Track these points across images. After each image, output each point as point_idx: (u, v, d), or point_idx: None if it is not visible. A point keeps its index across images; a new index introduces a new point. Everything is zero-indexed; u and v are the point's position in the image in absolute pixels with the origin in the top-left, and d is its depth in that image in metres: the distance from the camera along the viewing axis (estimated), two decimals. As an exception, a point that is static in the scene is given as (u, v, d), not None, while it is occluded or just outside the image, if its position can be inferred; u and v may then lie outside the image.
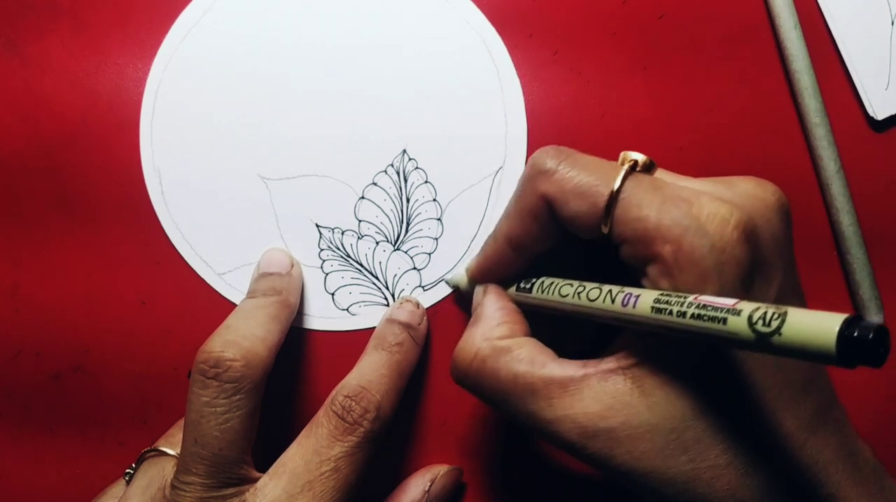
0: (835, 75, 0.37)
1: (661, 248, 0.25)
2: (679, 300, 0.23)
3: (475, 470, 0.38)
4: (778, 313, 0.20)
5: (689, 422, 0.26)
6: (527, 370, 0.28)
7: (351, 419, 0.31)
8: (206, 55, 0.38)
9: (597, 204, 0.27)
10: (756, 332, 0.21)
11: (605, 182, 0.27)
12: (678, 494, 0.26)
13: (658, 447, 0.26)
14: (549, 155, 0.29)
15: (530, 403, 0.28)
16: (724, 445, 0.26)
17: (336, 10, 0.38)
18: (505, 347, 0.29)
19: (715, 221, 0.25)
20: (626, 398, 0.26)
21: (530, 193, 0.29)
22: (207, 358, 0.30)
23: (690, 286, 0.25)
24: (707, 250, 0.25)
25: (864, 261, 0.36)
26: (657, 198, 0.26)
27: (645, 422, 0.26)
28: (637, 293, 0.25)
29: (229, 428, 0.30)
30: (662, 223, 0.25)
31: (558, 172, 0.28)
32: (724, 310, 0.22)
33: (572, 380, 0.27)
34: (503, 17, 0.37)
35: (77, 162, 0.38)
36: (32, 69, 0.38)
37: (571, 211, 0.28)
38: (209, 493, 0.30)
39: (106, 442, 0.38)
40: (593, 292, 0.27)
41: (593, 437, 0.26)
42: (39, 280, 0.38)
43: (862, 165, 0.37)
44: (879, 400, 0.38)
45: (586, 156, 0.29)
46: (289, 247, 0.38)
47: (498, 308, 0.31)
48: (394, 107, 0.37)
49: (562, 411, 0.27)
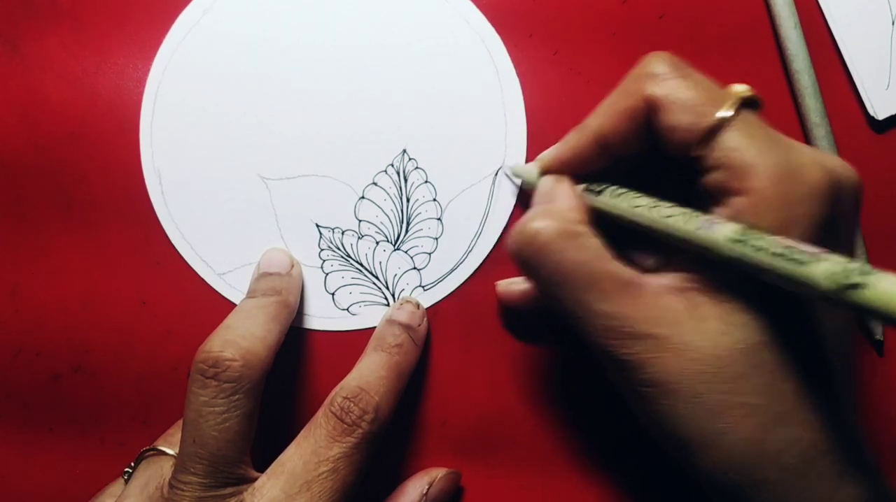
0: (835, 75, 0.37)
1: (755, 182, 0.25)
2: (762, 236, 0.24)
3: (474, 471, 0.38)
4: (863, 269, 0.21)
5: (737, 357, 0.26)
6: (591, 259, 0.28)
7: (349, 420, 0.31)
8: (205, 55, 0.38)
9: (701, 122, 0.27)
10: (839, 284, 0.21)
11: (714, 104, 0.27)
12: (697, 425, 0.26)
13: (699, 369, 0.26)
14: (664, 60, 0.28)
15: (587, 292, 0.27)
16: (763, 388, 0.26)
17: (336, 10, 0.38)
18: (575, 231, 0.28)
19: (811, 175, 0.25)
20: (681, 316, 0.26)
21: (633, 92, 0.28)
22: (206, 357, 0.30)
23: (772, 228, 0.25)
24: (798, 198, 0.25)
25: (864, 261, 0.36)
26: (762, 136, 0.26)
27: (693, 342, 0.26)
28: (717, 220, 0.25)
29: (228, 428, 0.30)
30: (763, 161, 0.25)
31: (670, 80, 0.28)
32: (810, 255, 0.22)
33: (633, 283, 0.27)
34: (503, 16, 0.37)
35: (77, 162, 0.38)
36: (32, 69, 0.38)
37: (673, 120, 0.27)
38: (207, 493, 0.30)
39: (106, 442, 0.38)
40: (669, 209, 0.27)
41: (638, 339, 0.26)
42: (39, 280, 0.38)
43: (862, 165, 0.37)
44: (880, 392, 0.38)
45: (700, 74, 0.28)
46: (289, 247, 0.38)
47: (571, 195, 0.31)
48: (394, 107, 0.37)
49: (616, 307, 0.27)
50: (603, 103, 0.30)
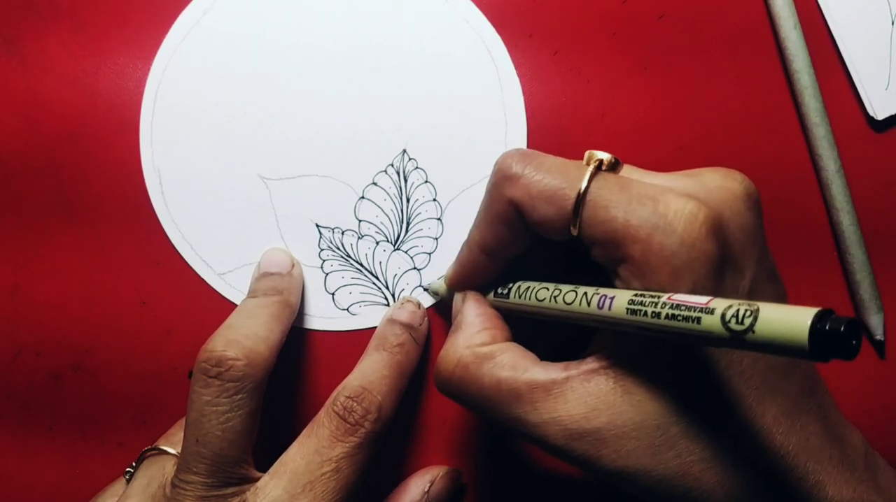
0: (835, 75, 0.37)
1: (630, 249, 0.25)
2: (653, 300, 0.23)
3: (475, 470, 0.38)
4: (750, 310, 0.20)
5: (674, 418, 0.26)
6: (510, 375, 0.28)
7: (352, 420, 0.31)
8: (205, 55, 0.38)
9: (564, 207, 0.27)
10: (730, 330, 0.21)
11: (572, 184, 0.27)
12: (668, 490, 0.26)
13: (644, 445, 0.26)
14: (514, 159, 0.28)
15: (515, 408, 0.28)
16: (708, 439, 0.26)
17: (336, 11, 0.38)
18: (487, 353, 0.29)
19: (682, 218, 0.25)
20: (610, 397, 0.26)
21: (498, 199, 0.29)
22: (209, 357, 0.30)
23: (662, 285, 0.25)
24: (676, 248, 0.25)
25: (864, 261, 0.36)
26: (624, 198, 0.26)
27: (630, 421, 0.26)
28: (612, 294, 0.25)
29: (230, 428, 0.30)
30: (630, 223, 0.25)
31: (524, 177, 0.28)
32: (698, 310, 0.22)
33: (555, 383, 0.27)
34: (503, 17, 0.37)
35: (77, 162, 0.38)
36: (32, 69, 0.38)
37: (540, 215, 0.27)
38: (210, 492, 0.30)
39: (106, 442, 0.38)
40: (569, 295, 0.27)
41: (579, 439, 0.26)
42: (39, 280, 0.38)
43: (862, 165, 0.37)
44: (876, 393, 0.38)
45: (552, 157, 0.28)
46: (289, 247, 0.38)
47: (478, 314, 0.31)
48: (394, 107, 0.37)
49: (547, 414, 0.27)
50: (478, 214, 0.31)
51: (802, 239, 0.37)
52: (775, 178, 0.37)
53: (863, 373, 0.37)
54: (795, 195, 0.37)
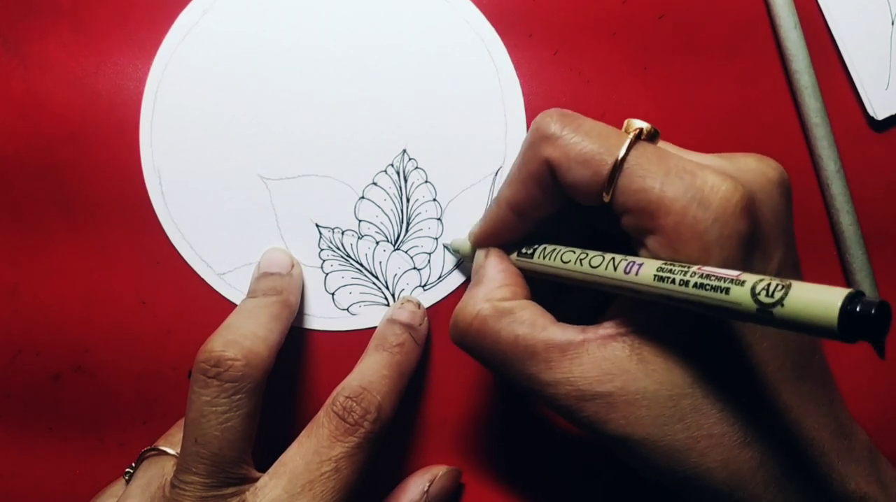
0: (835, 75, 0.37)
1: (663, 220, 0.25)
2: (682, 269, 0.24)
3: (475, 470, 0.38)
4: (782, 285, 0.20)
5: (687, 391, 0.26)
6: (527, 332, 0.28)
7: (352, 420, 0.31)
8: (205, 55, 0.38)
9: (600, 172, 0.27)
10: (759, 303, 0.21)
11: (610, 150, 0.27)
12: (671, 464, 0.26)
13: (654, 414, 0.26)
14: (553, 119, 0.28)
15: (529, 365, 0.28)
16: (720, 415, 0.26)
17: (336, 11, 0.37)
18: (507, 309, 0.29)
19: (718, 194, 0.25)
20: (625, 364, 0.26)
21: (533, 158, 0.29)
22: (208, 357, 0.30)
23: (691, 258, 0.25)
24: (710, 223, 0.25)
25: (864, 261, 0.36)
26: (661, 169, 0.26)
27: (642, 389, 0.26)
28: (640, 261, 0.25)
29: (230, 428, 0.30)
30: (666, 195, 0.25)
31: (562, 138, 0.28)
32: (728, 281, 0.22)
33: (571, 345, 0.27)
34: (503, 17, 0.37)
35: (77, 162, 0.38)
36: (32, 69, 0.38)
37: (574, 178, 0.27)
38: (209, 492, 0.30)
39: (106, 442, 0.38)
40: (595, 259, 0.27)
41: (590, 400, 0.27)
42: (39, 280, 0.38)
43: (862, 165, 0.37)
44: (881, 394, 0.38)
45: (591, 121, 0.28)
46: (289, 247, 0.38)
47: (500, 270, 0.31)
48: (394, 107, 0.37)
49: (560, 374, 0.27)
50: (510, 172, 0.31)
51: (802, 239, 0.37)
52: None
53: (863, 373, 0.37)
54: (795, 195, 0.37)
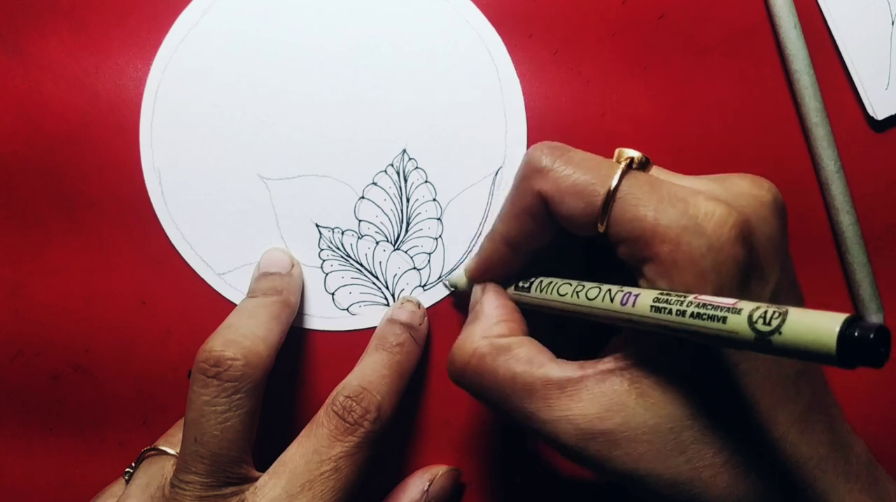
0: (835, 75, 0.37)
1: (658, 248, 0.25)
2: (679, 299, 0.23)
3: (475, 470, 0.38)
4: (779, 312, 0.20)
5: (687, 422, 0.26)
6: (525, 370, 0.28)
7: (351, 419, 0.31)
8: (205, 55, 0.38)
9: (593, 203, 0.27)
10: (756, 331, 0.21)
11: (602, 180, 0.27)
12: (677, 495, 0.26)
13: (656, 448, 0.26)
14: (544, 152, 0.28)
15: (528, 403, 0.28)
16: (720, 444, 0.26)
17: (336, 10, 0.37)
18: (504, 346, 0.29)
19: (712, 221, 0.25)
20: (624, 399, 0.26)
21: (526, 192, 0.29)
22: (208, 357, 0.30)
23: (688, 286, 0.25)
24: (704, 250, 0.25)
25: (864, 261, 0.36)
26: (654, 198, 0.26)
27: (643, 424, 0.26)
28: (636, 292, 0.25)
29: (229, 428, 0.30)
30: (660, 223, 0.25)
31: (554, 170, 0.28)
32: (724, 309, 0.22)
33: (570, 381, 0.27)
34: (503, 17, 0.37)
35: (77, 162, 0.38)
36: (32, 69, 0.38)
37: (568, 210, 0.27)
38: (209, 492, 0.30)
39: (106, 442, 0.38)
40: (592, 291, 0.27)
41: (591, 439, 0.26)
42: (39, 280, 0.38)
43: (862, 165, 0.37)
44: (882, 401, 0.38)
45: (582, 152, 0.28)
46: (289, 247, 0.38)
47: (497, 306, 0.31)
48: (394, 107, 0.37)
49: (559, 412, 0.27)
50: (503, 206, 0.31)
51: (802, 239, 0.37)
52: (775, 178, 0.36)
53: (863, 374, 0.37)
54: (795, 195, 0.37)
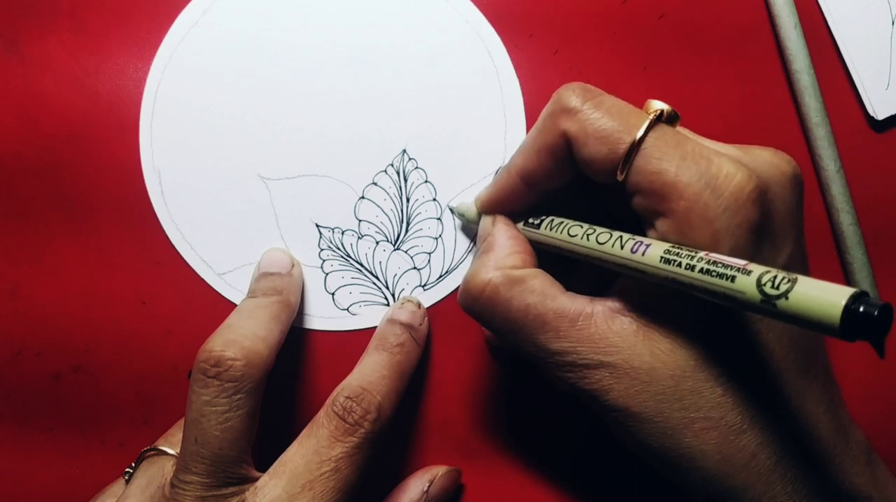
0: (835, 75, 0.37)
1: (675, 203, 0.25)
2: (689, 254, 0.24)
3: (475, 470, 0.38)
4: (788, 278, 0.21)
5: (688, 373, 0.26)
6: (538, 301, 0.28)
7: (352, 420, 0.31)
8: (205, 55, 0.38)
9: (617, 150, 0.27)
10: (763, 294, 0.21)
11: (629, 129, 0.27)
12: (665, 442, 0.27)
13: (653, 390, 0.26)
14: (574, 92, 0.28)
15: (539, 334, 0.28)
16: (719, 400, 0.26)
17: (335, 10, 0.37)
18: (518, 277, 0.29)
19: (732, 183, 0.25)
20: (631, 339, 0.27)
21: (550, 129, 0.29)
22: (208, 357, 0.30)
23: (700, 244, 0.25)
24: (721, 211, 0.25)
25: (864, 261, 0.36)
26: (677, 153, 0.26)
27: (645, 365, 0.26)
28: (648, 242, 0.25)
29: (230, 428, 0.30)
30: (680, 179, 0.25)
31: (582, 112, 0.28)
32: (735, 268, 0.22)
33: (581, 315, 0.28)
34: (503, 16, 0.37)
35: (77, 162, 0.38)
36: (32, 69, 0.38)
37: (590, 153, 0.27)
38: (209, 492, 0.30)
39: (106, 442, 0.38)
40: (603, 236, 0.27)
41: (594, 369, 0.27)
42: (39, 280, 0.38)
43: (862, 165, 0.37)
44: (878, 395, 0.38)
45: (612, 98, 0.28)
46: (289, 247, 0.38)
47: (509, 237, 0.31)
48: (394, 107, 0.37)
49: (568, 343, 0.27)
50: (525, 140, 0.31)
51: (802, 239, 0.37)
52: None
53: (863, 373, 0.37)
54: (795, 195, 0.37)
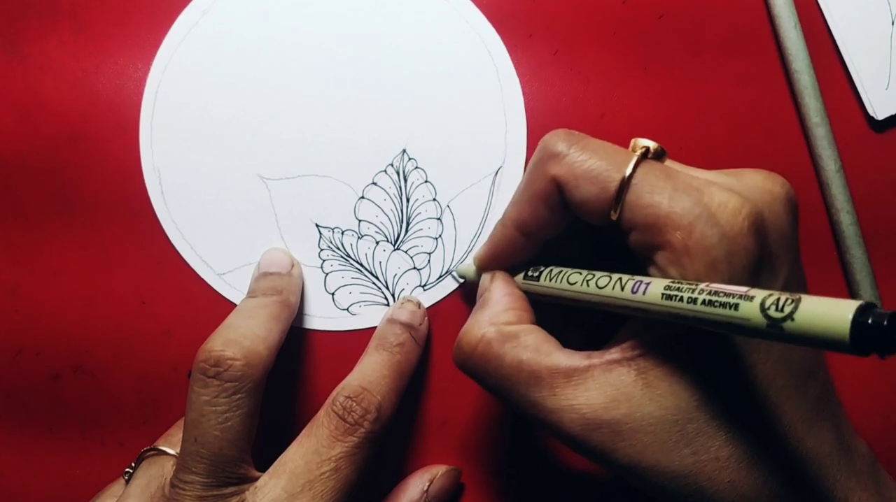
0: (835, 75, 0.37)
1: (671, 236, 0.25)
2: (690, 287, 0.23)
3: (474, 470, 0.38)
4: (791, 299, 0.20)
5: (693, 415, 0.26)
6: (532, 357, 0.28)
7: (352, 419, 0.31)
8: (205, 55, 0.38)
9: (607, 189, 0.27)
10: (768, 318, 0.21)
11: (617, 167, 0.27)
12: (680, 488, 0.26)
13: (661, 440, 0.26)
14: (560, 138, 0.28)
15: (534, 392, 0.28)
16: (726, 437, 0.26)
17: (335, 11, 0.38)
18: (511, 333, 0.29)
19: (726, 211, 0.25)
20: (630, 390, 0.26)
21: (541, 177, 0.29)
22: (208, 357, 0.30)
23: (699, 274, 0.25)
24: (717, 239, 0.25)
25: (864, 261, 0.36)
26: (668, 186, 0.26)
27: (648, 415, 0.26)
28: (647, 281, 0.25)
29: (229, 428, 0.30)
30: (673, 210, 0.25)
31: (569, 156, 0.28)
32: (737, 296, 0.22)
33: (577, 371, 0.27)
34: (503, 17, 0.37)
35: (77, 162, 0.38)
36: (32, 69, 0.38)
37: (582, 195, 0.27)
38: (209, 492, 0.30)
39: (106, 442, 0.38)
40: (602, 279, 0.27)
41: (596, 429, 0.26)
42: (39, 280, 0.38)
43: (862, 165, 0.37)
44: (884, 398, 0.38)
45: (597, 140, 0.28)
46: (289, 247, 0.38)
47: (505, 293, 0.31)
48: (394, 107, 0.37)
49: (565, 401, 0.27)
50: (516, 192, 0.31)
51: (802, 239, 0.37)
52: (775, 178, 0.37)
53: (863, 373, 0.37)
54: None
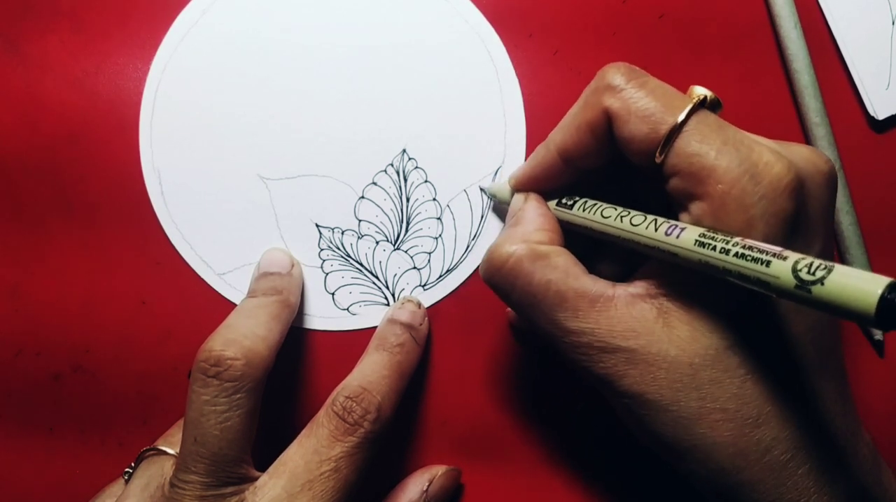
0: (835, 75, 0.37)
1: (712, 187, 0.25)
2: (725, 238, 0.24)
3: (474, 470, 0.38)
4: (825, 265, 0.21)
5: (708, 362, 0.26)
6: (560, 278, 0.28)
7: (351, 420, 0.31)
8: (205, 55, 0.38)
9: (658, 130, 0.27)
10: (799, 279, 0.21)
11: (671, 111, 0.27)
12: (678, 431, 0.26)
13: (671, 378, 0.26)
14: (620, 71, 0.28)
15: (557, 311, 0.28)
16: (737, 391, 0.26)
17: (335, 10, 0.38)
18: (543, 252, 0.29)
19: (771, 172, 0.25)
20: (650, 325, 0.27)
21: (593, 106, 0.29)
22: (208, 356, 0.30)
23: (734, 229, 0.25)
24: (757, 198, 0.25)
25: (864, 261, 0.36)
26: (719, 138, 0.26)
27: (664, 351, 0.26)
28: (682, 225, 0.25)
29: (229, 427, 0.30)
30: (719, 163, 0.25)
31: (626, 90, 0.28)
32: (770, 254, 0.22)
33: (602, 297, 0.27)
34: (503, 16, 0.37)
35: (77, 162, 0.38)
36: (32, 69, 0.38)
37: (631, 131, 0.27)
38: (208, 492, 0.30)
39: (106, 442, 0.38)
40: (637, 218, 0.27)
41: (610, 353, 0.27)
42: (39, 280, 0.38)
43: (862, 165, 0.37)
44: (882, 392, 0.38)
45: (657, 80, 0.28)
46: (289, 247, 0.38)
47: (540, 214, 0.31)
48: (394, 107, 0.37)
49: (586, 324, 0.27)
50: (565, 117, 0.30)
51: (802, 239, 0.37)
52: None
53: (863, 372, 0.37)
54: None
